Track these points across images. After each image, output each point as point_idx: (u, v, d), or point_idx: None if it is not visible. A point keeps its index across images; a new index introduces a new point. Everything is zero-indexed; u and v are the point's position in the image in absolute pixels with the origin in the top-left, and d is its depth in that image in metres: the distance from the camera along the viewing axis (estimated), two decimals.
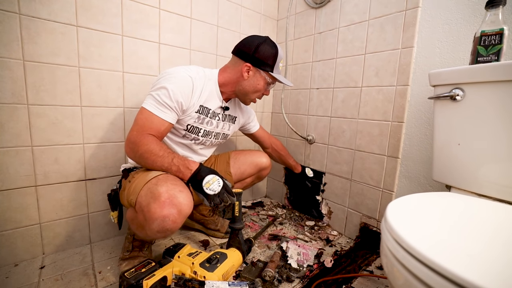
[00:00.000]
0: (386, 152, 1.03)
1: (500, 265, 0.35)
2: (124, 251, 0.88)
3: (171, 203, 0.61)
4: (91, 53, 0.93)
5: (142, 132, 0.72)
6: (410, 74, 0.94)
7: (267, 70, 0.86)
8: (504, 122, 0.61)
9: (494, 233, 0.44)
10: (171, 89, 0.74)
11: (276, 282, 0.85)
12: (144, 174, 0.75)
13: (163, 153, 0.72)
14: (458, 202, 0.60)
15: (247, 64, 0.85)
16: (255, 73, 0.87)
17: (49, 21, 0.85)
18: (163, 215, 0.60)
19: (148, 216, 0.61)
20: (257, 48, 0.83)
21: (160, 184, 0.64)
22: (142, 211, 0.63)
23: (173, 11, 1.10)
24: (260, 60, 0.84)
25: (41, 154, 0.89)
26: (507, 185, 0.62)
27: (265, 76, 0.88)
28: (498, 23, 0.63)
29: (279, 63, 0.88)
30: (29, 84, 0.84)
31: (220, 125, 0.96)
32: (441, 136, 0.73)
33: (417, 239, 0.40)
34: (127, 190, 0.77)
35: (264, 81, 0.88)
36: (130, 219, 0.75)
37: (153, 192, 0.63)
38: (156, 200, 0.61)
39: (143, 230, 0.66)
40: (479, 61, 0.66)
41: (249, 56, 0.84)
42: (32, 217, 0.91)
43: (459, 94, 0.67)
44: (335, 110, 1.22)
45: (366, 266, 0.97)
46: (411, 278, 0.38)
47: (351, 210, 1.18)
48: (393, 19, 0.97)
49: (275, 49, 0.86)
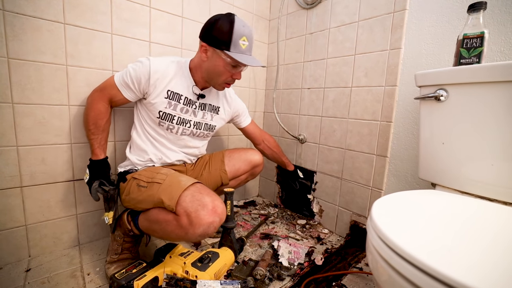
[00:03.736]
0: (375, 151, 1.05)
1: (479, 259, 0.36)
2: (111, 254, 0.86)
3: (215, 212, 0.70)
4: (79, 51, 0.92)
5: (102, 93, 0.85)
6: (398, 75, 0.97)
7: (222, 48, 0.78)
8: (484, 122, 0.63)
9: (474, 229, 0.46)
10: (133, 69, 0.83)
11: (267, 281, 0.86)
12: (169, 178, 0.78)
13: (95, 130, 0.85)
14: (440, 199, 0.62)
15: (203, 43, 0.80)
16: (212, 54, 0.81)
17: (34, 18, 0.83)
18: (209, 222, 0.69)
19: (196, 221, 0.68)
20: (214, 25, 0.78)
21: (203, 193, 0.73)
22: (188, 215, 0.69)
23: (164, 9, 1.09)
24: (215, 37, 0.77)
25: (27, 154, 0.87)
26: (488, 182, 0.64)
27: (223, 56, 0.80)
28: (479, 26, 0.65)
29: (238, 40, 0.78)
30: (14, 82, 0.82)
31: (199, 114, 0.94)
32: (427, 135, 0.76)
33: (400, 236, 0.41)
34: (142, 194, 0.79)
35: (223, 62, 0.81)
36: (157, 220, 0.76)
37: (200, 200, 0.70)
38: (205, 208, 0.69)
39: (182, 231, 0.70)
40: (462, 63, 0.68)
41: (205, 34, 0.80)
42: (18, 219, 0.88)
43: (443, 94, 0.69)
44: (326, 110, 1.23)
45: (356, 263, 0.99)
46: (394, 274, 0.39)
47: (342, 209, 1.20)
48: (382, 20, 1.00)
49: (232, 24, 0.76)
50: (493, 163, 0.63)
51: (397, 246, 0.39)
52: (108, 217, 0.83)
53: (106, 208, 0.84)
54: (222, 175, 1.05)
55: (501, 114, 0.60)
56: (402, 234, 0.42)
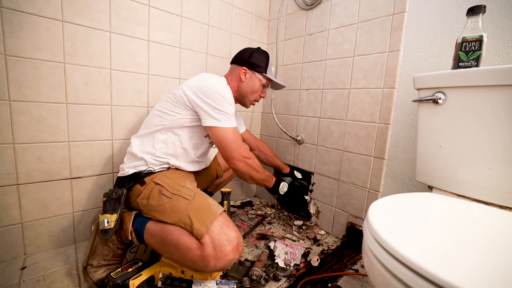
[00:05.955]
0: (372, 153, 1.05)
1: (473, 262, 0.36)
2: (99, 259, 0.80)
3: (238, 250, 0.72)
4: (77, 49, 0.91)
5: (241, 146, 0.87)
6: (397, 77, 0.97)
7: (261, 71, 0.98)
8: (482, 126, 0.63)
9: (469, 232, 0.46)
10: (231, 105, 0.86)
11: (263, 281, 0.86)
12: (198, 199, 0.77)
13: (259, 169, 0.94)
14: (437, 202, 0.62)
15: (243, 67, 0.97)
16: (251, 75, 0.98)
17: (32, 15, 0.82)
18: (231, 259, 0.70)
19: (221, 255, 0.69)
20: (251, 54, 0.98)
21: (230, 227, 0.73)
22: (214, 248, 0.69)
23: (163, 8, 1.09)
24: (254, 64, 0.97)
25: (23, 152, 0.87)
26: (484, 186, 0.64)
27: (260, 77, 0.99)
28: (478, 30, 0.65)
29: (271, 66, 1.01)
30: (11, 79, 0.82)
31: None
32: (424, 138, 0.76)
33: (395, 238, 0.41)
34: (165, 204, 0.75)
35: (260, 82, 0.99)
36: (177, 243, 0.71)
37: (228, 235, 0.71)
38: (231, 244, 0.70)
39: (203, 263, 0.69)
40: (460, 66, 0.68)
41: (245, 61, 0.97)
42: (13, 217, 0.88)
43: (441, 97, 0.69)
44: (324, 111, 1.23)
45: (352, 265, 0.99)
46: (389, 276, 0.39)
47: (339, 210, 1.20)
48: (381, 23, 1.00)
49: (267, 55, 1.00)
50: (490, 167, 0.63)
51: (392, 248, 0.39)
52: (111, 220, 0.75)
53: (109, 209, 0.76)
54: (217, 168, 1.13)
55: (498, 118, 0.60)
56: (397, 237, 0.41)
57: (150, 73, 1.10)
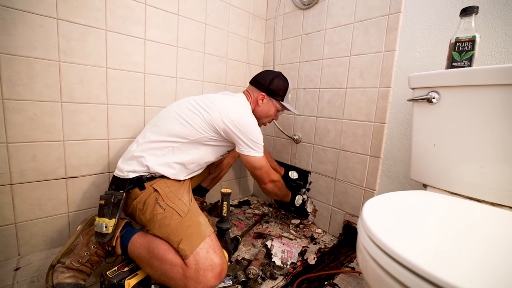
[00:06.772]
0: (368, 152, 1.06)
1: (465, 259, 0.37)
2: (73, 259, 0.74)
3: (220, 277, 0.72)
4: (72, 47, 0.90)
5: (271, 170, 1.02)
6: (392, 77, 0.98)
7: (278, 99, 1.03)
8: (475, 125, 0.64)
9: (461, 229, 0.47)
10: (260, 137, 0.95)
11: (260, 280, 0.86)
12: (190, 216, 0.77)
13: (282, 187, 1.13)
14: (430, 200, 0.62)
15: (262, 93, 1.01)
16: (268, 101, 1.03)
17: (26, 13, 0.81)
18: (212, 285, 0.71)
19: (203, 280, 0.69)
20: (272, 81, 1.01)
21: (216, 252, 0.74)
22: (196, 271, 0.69)
23: (160, 7, 1.08)
24: (273, 91, 1.01)
25: (17, 151, 0.86)
26: (477, 184, 0.65)
27: (276, 104, 1.04)
28: (471, 30, 0.66)
29: (288, 94, 1.05)
30: (4, 77, 0.81)
31: None
32: (419, 137, 0.76)
33: (388, 235, 0.41)
34: (157, 215, 0.75)
35: (275, 108, 1.05)
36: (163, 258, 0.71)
37: (212, 260, 0.72)
38: (213, 270, 0.71)
39: (182, 282, 0.69)
40: (454, 66, 0.69)
41: (265, 87, 1.01)
42: (7, 217, 0.87)
43: (435, 97, 0.70)
44: (321, 110, 1.24)
45: (348, 263, 0.99)
46: (382, 273, 0.39)
47: (335, 209, 1.21)
48: (377, 22, 1.00)
49: (287, 83, 1.03)
50: (482, 165, 0.64)
51: (385, 245, 0.39)
52: (109, 225, 0.73)
53: (107, 213, 0.74)
54: (209, 166, 1.14)
55: (491, 117, 0.61)
56: (391, 234, 0.42)
57: (147, 72, 1.09)
